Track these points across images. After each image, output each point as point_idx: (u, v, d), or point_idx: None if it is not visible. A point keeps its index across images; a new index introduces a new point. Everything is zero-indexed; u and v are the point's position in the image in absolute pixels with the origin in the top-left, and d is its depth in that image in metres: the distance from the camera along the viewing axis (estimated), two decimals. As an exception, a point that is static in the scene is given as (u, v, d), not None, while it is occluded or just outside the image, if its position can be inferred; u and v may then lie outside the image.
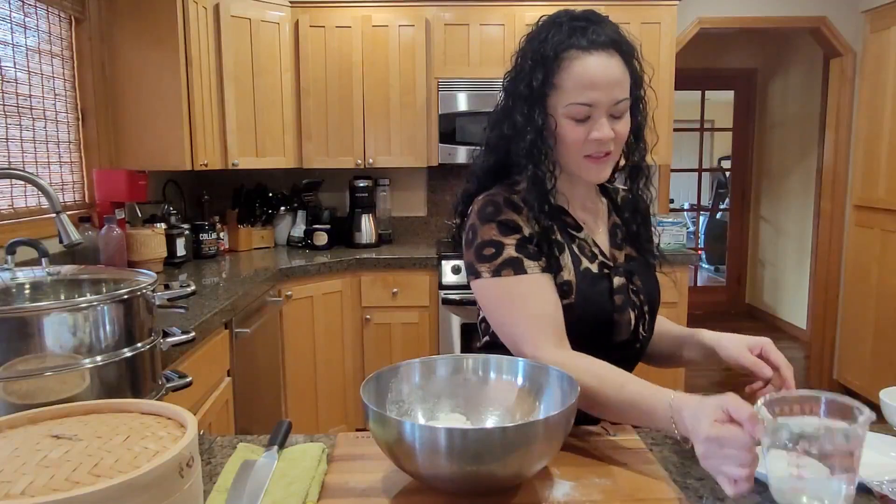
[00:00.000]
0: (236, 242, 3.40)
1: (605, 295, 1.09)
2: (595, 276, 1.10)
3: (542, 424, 0.83)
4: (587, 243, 1.14)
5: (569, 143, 1.07)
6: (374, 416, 0.85)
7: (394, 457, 0.86)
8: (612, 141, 1.06)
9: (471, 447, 0.80)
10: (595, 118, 1.05)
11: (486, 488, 0.87)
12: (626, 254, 1.18)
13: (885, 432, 1.07)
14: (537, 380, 1.00)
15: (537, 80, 1.05)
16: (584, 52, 1.04)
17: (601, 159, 1.08)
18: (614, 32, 1.08)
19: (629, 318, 1.11)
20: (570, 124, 1.05)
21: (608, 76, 1.04)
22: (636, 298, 1.14)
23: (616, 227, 1.20)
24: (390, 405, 0.99)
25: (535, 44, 1.08)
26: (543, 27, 1.10)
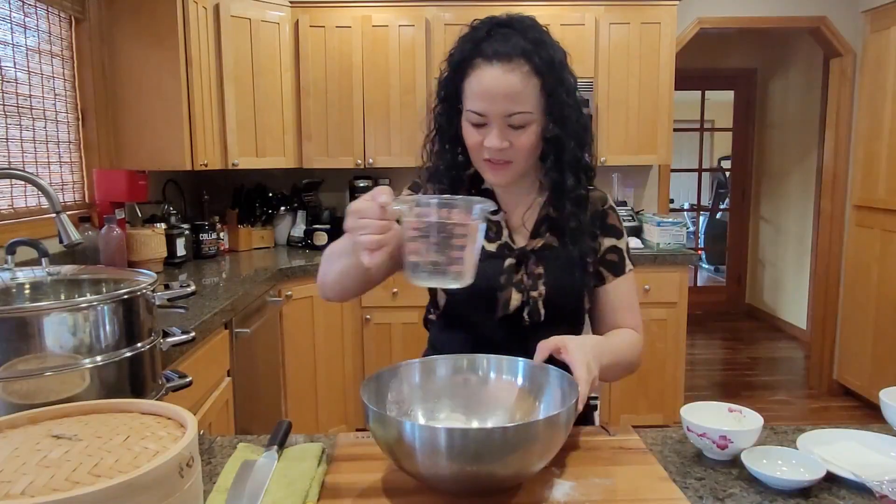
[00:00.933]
0: (236, 242, 3.41)
1: (491, 272, 1.18)
2: (487, 253, 1.20)
3: (542, 424, 0.83)
4: (497, 225, 1.23)
5: (468, 146, 1.15)
6: (374, 416, 0.85)
7: (394, 457, 0.86)
8: (508, 150, 1.11)
9: (471, 447, 0.80)
10: (490, 126, 1.10)
11: (487, 488, 0.87)
12: (544, 242, 1.22)
13: (885, 432, 1.07)
14: (537, 380, 1.01)
15: (450, 84, 1.15)
16: (485, 62, 1.08)
17: (500, 165, 1.14)
18: (530, 42, 1.08)
19: (509, 297, 1.18)
20: (469, 128, 1.13)
21: (500, 89, 1.07)
22: (527, 281, 1.19)
23: (546, 219, 1.24)
24: (390, 405, 0.99)
25: (455, 46, 1.15)
26: (469, 30, 1.15)
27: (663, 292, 3.24)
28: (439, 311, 1.26)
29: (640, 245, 3.40)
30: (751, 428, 1.00)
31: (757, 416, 1.04)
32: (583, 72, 3.40)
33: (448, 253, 0.88)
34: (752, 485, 0.93)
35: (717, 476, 0.96)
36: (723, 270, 6.77)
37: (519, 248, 1.21)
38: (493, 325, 1.19)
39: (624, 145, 3.49)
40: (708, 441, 0.99)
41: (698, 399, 1.86)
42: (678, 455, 1.03)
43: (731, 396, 4.05)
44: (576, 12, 3.38)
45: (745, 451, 0.97)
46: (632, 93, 3.45)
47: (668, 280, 3.24)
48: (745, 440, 0.99)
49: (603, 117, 3.46)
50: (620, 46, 3.41)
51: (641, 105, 3.46)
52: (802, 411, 3.90)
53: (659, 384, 3.31)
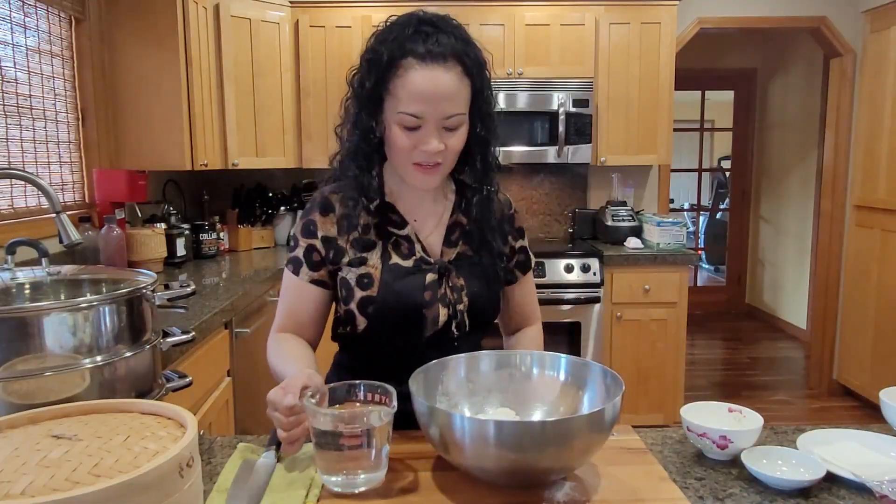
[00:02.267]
0: (236, 242, 3.40)
1: (414, 289, 1.13)
2: (405, 269, 1.15)
3: (585, 419, 0.86)
4: (407, 240, 1.17)
5: (397, 150, 1.09)
6: (424, 408, 0.88)
7: (443, 448, 0.88)
8: (441, 153, 1.07)
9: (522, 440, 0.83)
10: (425, 130, 1.06)
11: (532, 480, 0.89)
12: (459, 252, 1.20)
13: (885, 432, 1.07)
14: (580, 375, 1.04)
15: (370, 83, 1.07)
16: (419, 62, 1.03)
17: (430, 169, 1.09)
18: (459, 42, 1.06)
19: (437, 313, 1.14)
20: (400, 132, 1.07)
21: (439, 90, 1.03)
22: (452, 295, 1.15)
23: (456, 225, 1.21)
24: (440, 398, 1.03)
25: (376, 44, 1.08)
26: (392, 26, 1.09)
27: (663, 292, 3.24)
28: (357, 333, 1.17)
29: (640, 245, 3.40)
30: (751, 428, 1.00)
31: (757, 416, 1.04)
32: (583, 72, 3.40)
33: (351, 462, 0.89)
34: (752, 485, 0.93)
35: (717, 476, 0.96)
36: (723, 270, 6.77)
37: (437, 261, 1.16)
38: (418, 342, 1.14)
39: (624, 145, 3.49)
40: (708, 441, 0.99)
41: (698, 399, 1.86)
42: (678, 455, 1.03)
43: (731, 396, 4.05)
44: (576, 12, 3.38)
45: (745, 451, 0.97)
46: (632, 93, 3.45)
47: (668, 280, 3.24)
48: (745, 440, 0.99)
49: (603, 117, 3.46)
50: (620, 46, 3.41)
51: (641, 105, 3.46)
52: (802, 411, 3.90)
53: (659, 384, 3.31)
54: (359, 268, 1.14)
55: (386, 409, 0.92)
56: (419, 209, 1.20)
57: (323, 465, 0.91)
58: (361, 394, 0.96)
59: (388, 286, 1.13)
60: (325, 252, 1.16)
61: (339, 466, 0.89)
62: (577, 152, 3.39)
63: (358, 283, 1.14)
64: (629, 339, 3.28)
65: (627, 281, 3.23)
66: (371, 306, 1.13)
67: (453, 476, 0.93)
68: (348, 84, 1.14)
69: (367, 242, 1.16)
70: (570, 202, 3.87)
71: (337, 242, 1.16)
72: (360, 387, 0.97)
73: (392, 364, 1.12)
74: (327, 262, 1.17)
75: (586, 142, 3.38)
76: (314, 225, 1.17)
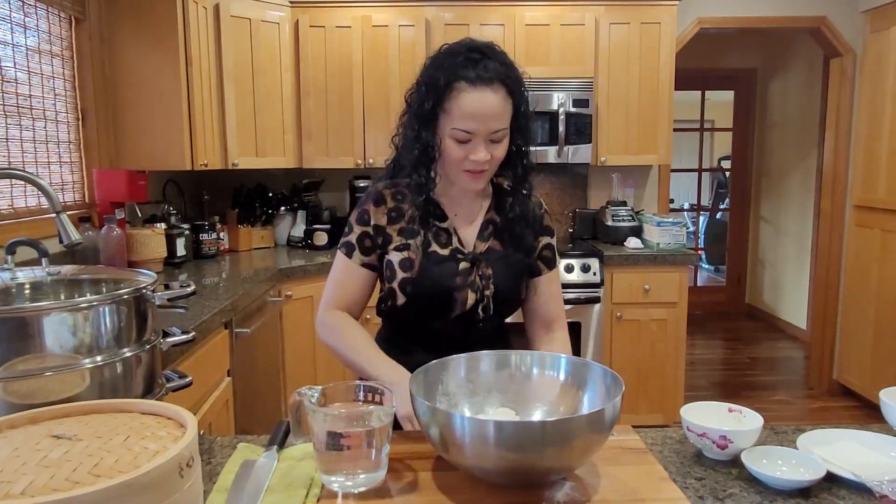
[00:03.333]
0: (236, 242, 3.40)
1: (448, 274, 1.30)
2: (441, 257, 1.31)
3: (585, 419, 0.86)
4: (447, 232, 1.34)
5: (451, 160, 1.26)
6: (424, 409, 0.88)
7: (444, 448, 0.89)
8: (487, 162, 1.24)
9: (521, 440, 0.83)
10: (475, 142, 1.22)
11: (533, 480, 0.90)
12: (489, 246, 1.35)
13: (885, 432, 1.07)
14: (580, 375, 1.04)
15: (429, 104, 1.24)
16: (470, 86, 1.20)
17: (477, 174, 1.27)
18: (503, 67, 1.23)
19: (465, 297, 1.30)
20: (453, 144, 1.24)
21: (488, 110, 1.21)
22: (480, 282, 1.31)
23: (490, 222, 1.37)
24: (440, 398, 1.03)
25: (432, 69, 1.26)
26: (444, 54, 1.26)
27: (663, 292, 3.24)
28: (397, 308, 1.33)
29: (640, 245, 3.40)
30: (751, 428, 1.00)
31: (757, 416, 1.04)
32: (583, 72, 3.40)
33: (351, 462, 0.90)
34: (752, 485, 0.93)
35: (717, 476, 0.96)
36: (723, 270, 6.76)
37: (470, 252, 1.33)
38: (446, 322, 1.31)
39: (624, 145, 3.49)
40: (708, 441, 0.99)
41: (698, 399, 1.86)
42: (678, 455, 1.03)
43: (731, 396, 4.05)
44: (576, 12, 3.38)
45: (745, 451, 0.97)
46: (632, 93, 3.45)
47: (668, 280, 3.24)
48: (745, 440, 0.99)
49: (603, 117, 3.46)
50: (620, 46, 3.41)
51: (641, 105, 3.46)
52: (802, 411, 3.90)
53: (659, 384, 3.31)
54: (402, 252, 1.31)
55: (386, 409, 0.92)
56: (459, 206, 1.37)
57: (323, 465, 0.91)
58: (361, 394, 0.96)
59: (425, 270, 1.29)
60: (375, 238, 1.33)
61: (339, 466, 0.90)
62: (578, 152, 3.39)
63: (400, 265, 1.30)
64: (629, 339, 3.28)
65: (627, 281, 3.24)
66: (409, 286, 1.29)
67: (453, 476, 0.93)
68: (406, 102, 1.31)
69: (412, 231, 1.32)
70: (571, 202, 3.87)
71: (386, 231, 1.33)
72: (360, 387, 0.97)
73: (426, 337, 1.34)
74: (376, 248, 1.34)
75: (586, 142, 3.38)
76: (368, 214, 1.34)
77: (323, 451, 0.90)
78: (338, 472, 0.90)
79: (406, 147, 1.31)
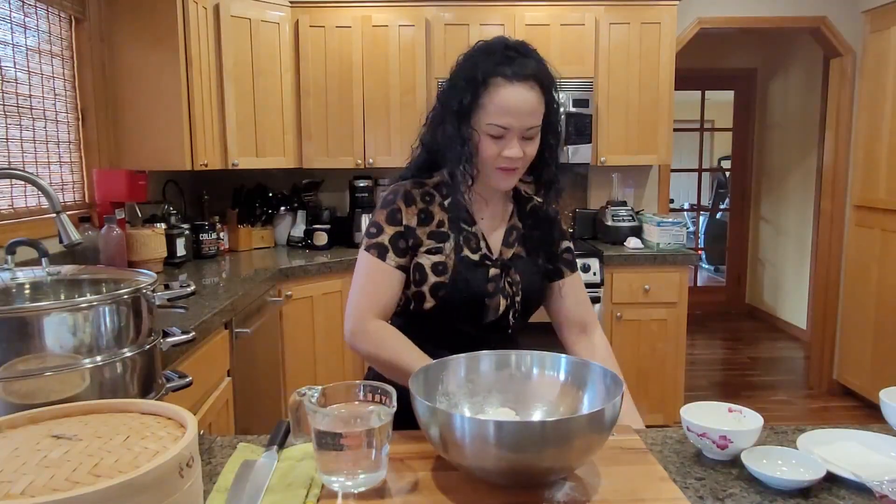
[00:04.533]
0: (236, 242, 3.40)
1: (480, 280, 1.28)
2: (473, 262, 1.29)
3: (586, 419, 0.86)
4: (475, 236, 1.32)
5: (485, 156, 1.24)
6: (424, 409, 0.88)
7: (444, 448, 0.89)
8: (520, 159, 1.24)
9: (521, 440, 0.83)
10: (509, 138, 1.22)
11: (533, 481, 0.90)
12: (514, 252, 1.35)
13: (885, 432, 1.07)
14: (580, 375, 1.04)
15: (466, 99, 1.22)
16: (507, 81, 1.20)
17: (510, 172, 1.26)
18: (538, 65, 1.23)
19: (498, 303, 1.29)
20: (488, 140, 1.22)
21: (524, 106, 1.20)
22: (510, 289, 1.31)
23: (514, 228, 1.37)
24: (439, 398, 1.03)
25: (468, 65, 1.24)
26: (479, 50, 1.25)
27: (663, 292, 3.24)
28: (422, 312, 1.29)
29: (640, 245, 3.40)
30: (751, 428, 1.00)
31: (757, 416, 1.04)
32: (583, 72, 3.40)
33: (351, 462, 0.90)
34: (752, 485, 0.93)
35: (717, 476, 0.96)
36: (723, 270, 6.76)
37: (499, 259, 1.32)
38: (476, 327, 1.29)
39: (624, 145, 3.49)
40: (708, 441, 0.99)
41: (698, 399, 1.86)
42: (678, 455, 1.03)
43: (731, 396, 4.05)
44: (576, 12, 3.38)
45: (745, 451, 0.97)
46: (632, 93, 3.45)
47: (668, 280, 3.24)
48: (745, 440, 0.99)
49: (603, 117, 3.46)
50: (620, 46, 3.41)
51: (641, 105, 3.46)
52: (802, 411, 3.90)
53: (659, 384, 3.31)
54: (434, 255, 1.28)
55: (386, 409, 0.92)
56: (485, 211, 1.35)
57: (323, 465, 0.91)
58: (361, 394, 0.96)
59: (459, 275, 1.27)
60: (408, 238, 1.29)
61: (339, 466, 0.90)
62: (578, 152, 3.39)
63: (433, 269, 1.27)
64: (629, 339, 3.28)
65: (627, 281, 3.24)
66: (442, 290, 1.26)
67: (453, 476, 0.93)
68: (438, 100, 1.30)
69: (443, 235, 1.30)
70: (571, 202, 3.87)
71: (416, 232, 1.29)
72: (361, 387, 0.97)
73: (451, 340, 1.26)
74: (411, 249, 1.29)
75: (586, 142, 3.38)
76: (400, 214, 1.29)
77: (323, 451, 0.90)
78: (338, 472, 0.90)
79: (445, 144, 1.27)
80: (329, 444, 0.88)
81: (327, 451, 0.89)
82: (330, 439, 0.88)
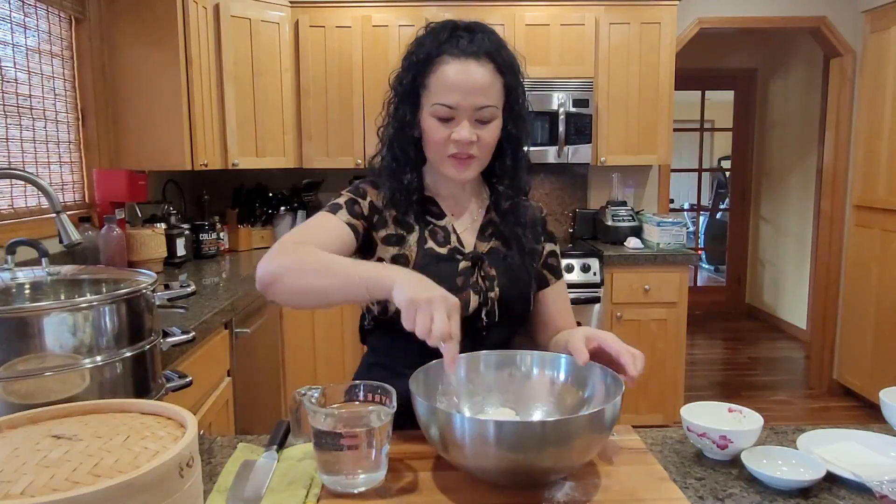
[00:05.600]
0: (236, 242, 3.40)
1: (447, 273, 1.16)
2: (440, 255, 1.20)
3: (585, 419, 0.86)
4: (443, 230, 1.23)
5: (433, 141, 1.15)
6: (425, 408, 0.88)
7: (444, 448, 0.88)
8: (474, 145, 1.13)
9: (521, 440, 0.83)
10: (458, 120, 1.12)
11: (533, 480, 0.90)
12: (491, 247, 1.25)
13: (885, 432, 1.07)
14: (581, 375, 1.04)
15: (408, 79, 1.15)
16: (452, 58, 1.11)
17: (464, 161, 1.15)
18: (493, 44, 1.13)
19: (468, 299, 1.16)
20: (434, 123, 1.13)
21: (471, 81, 1.10)
22: (483, 283, 1.19)
23: (489, 224, 1.27)
24: (439, 398, 1.02)
25: (414, 46, 1.17)
26: (429, 32, 1.17)
27: (663, 292, 3.24)
28: (385, 317, 1.20)
29: (640, 245, 3.40)
30: (751, 428, 1.00)
31: (757, 416, 1.04)
32: (583, 72, 3.40)
33: (351, 462, 0.90)
34: (752, 485, 0.93)
35: (717, 476, 0.96)
36: (723, 270, 6.76)
37: (471, 252, 1.22)
38: None
39: (624, 145, 3.49)
40: (708, 441, 0.99)
41: (698, 399, 1.86)
42: (678, 455, 1.03)
43: (731, 396, 4.05)
44: (576, 12, 3.38)
45: (745, 451, 0.97)
46: (632, 93, 3.45)
47: (668, 280, 3.24)
48: (745, 440, 0.99)
49: (603, 117, 3.46)
50: (620, 46, 3.41)
51: (641, 105, 3.46)
52: (802, 411, 3.90)
53: (659, 384, 3.31)
54: (395, 247, 1.20)
55: (386, 409, 0.92)
56: (456, 206, 1.26)
57: (323, 465, 0.91)
58: (361, 394, 0.96)
59: (422, 269, 1.12)
60: (368, 212, 1.20)
61: (339, 466, 0.90)
62: (578, 152, 3.39)
63: (393, 261, 1.18)
64: (629, 339, 3.22)
65: (627, 281, 3.24)
66: None
67: (453, 476, 0.93)
68: (390, 86, 1.21)
69: (407, 224, 1.21)
70: (571, 202, 3.87)
71: (382, 212, 1.21)
72: (360, 387, 0.97)
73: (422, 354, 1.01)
74: (367, 221, 1.20)
75: (586, 142, 3.38)
76: (364, 190, 1.22)
77: (323, 451, 0.90)
78: (338, 472, 0.90)
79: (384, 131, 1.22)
80: (329, 444, 0.88)
81: (327, 451, 0.89)
82: (330, 439, 0.88)
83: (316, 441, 0.90)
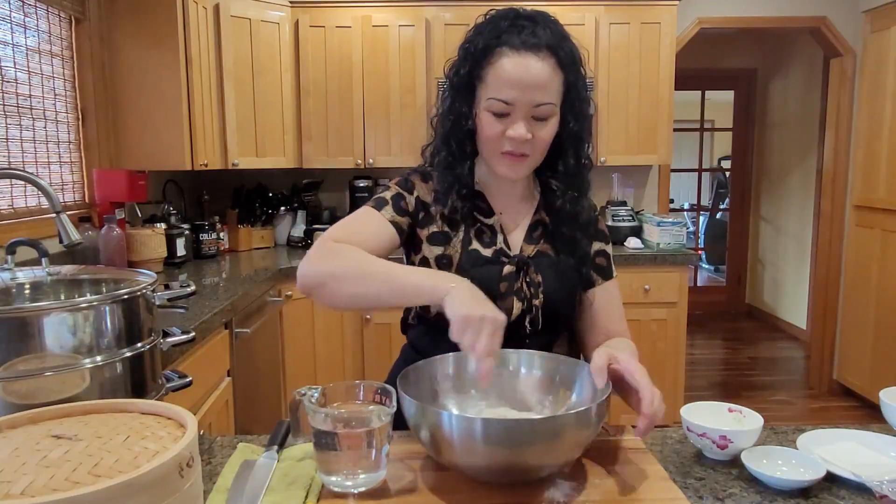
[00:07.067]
0: (236, 242, 3.40)
1: (490, 278, 1.12)
2: (483, 258, 1.15)
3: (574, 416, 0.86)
4: (490, 229, 1.18)
5: (486, 137, 1.10)
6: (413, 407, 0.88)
7: (434, 447, 0.89)
8: (529, 143, 1.08)
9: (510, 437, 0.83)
10: (513, 116, 1.07)
11: (521, 478, 0.90)
12: (539, 250, 1.19)
13: (885, 432, 1.07)
14: (569, 374, 1.04)
15: (465, 70, 1.10)
16: (512, 51, 1.05)
17: (517, 158, 1.10)
18: (555, 36, 1.08)
19: (511, 306, 1.12)
20: (489, 118, 1.08)
21: (530, 78, 1.04)
22: (528, 290, 1.14)
23: (539, 224, 1.21)
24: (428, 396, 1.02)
25: (473, 35, 1.12)
26: (489, 20, 1.11)
27: (663, 292, 3.24)
28: (428, 316, 1.17)
29: (640, 245, 3.40)
30: (751, 428, 1.00)
31: (757, 416, 1.04)
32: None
33: (351, 462, 0.89)
34: (752, 485, 0.93)
35: (717, 476, 0.96)
36: (723, 270, 6.76)
37: (516, 255, 1.16)
38: None
39: (624, 145, 3.49)
40: (708, 441, 0.99)
41: (698, 399, 1.86)
42: (678, 455, 1.03)
43: (731, 396, 4.05)
44: (576, 12, 3.38)
45: (745, 451, 0.97)
46: (632, 93, 3.45)
47: (668, 280, 3.24)
48: (745, 440, 0.99)
49: (603, 117, 3.46)
50: (620, 46, 3.41)
51: (641, 105, 3.46)
52: (802, 411, 3.90)
53: (659, 384, 3.25)
54: (439, 247, 1.16)
55: (386, 409, 0.92)
56: (506, 203, 1.21)
57: (323, 465, 0.91)
58: (361, 394, 0.96)
59: (465, 272, 1.10)
60: (414, 208, 1.17)
61: (339, 466, 0.90)
62: (577, 152, 3.39)
63: (437, 262, 1.15)
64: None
65: (627, 281, 3.23)
66: None
67: (452, 476, 0.93)
68: (445, 76, 1.16)
69: (454, 222, 1.17)
70: (570, 202, 3.87)
71: (430, 208, 1.17)
72: (361, 387, 0.97)
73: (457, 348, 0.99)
74: (413, 218, 1.17)
75: (586, 142, 3.38)
76: (412, 184, 1.18)
77: (322, 451, 0.90)
78: (337, 472, 0.90)
79: (439, 121, 1.15)
80: (329, 444, 0.88)
81: (327, 451, 0.89)
82: (329, 439, 0.88)
83: (316, 441, 0.90)
